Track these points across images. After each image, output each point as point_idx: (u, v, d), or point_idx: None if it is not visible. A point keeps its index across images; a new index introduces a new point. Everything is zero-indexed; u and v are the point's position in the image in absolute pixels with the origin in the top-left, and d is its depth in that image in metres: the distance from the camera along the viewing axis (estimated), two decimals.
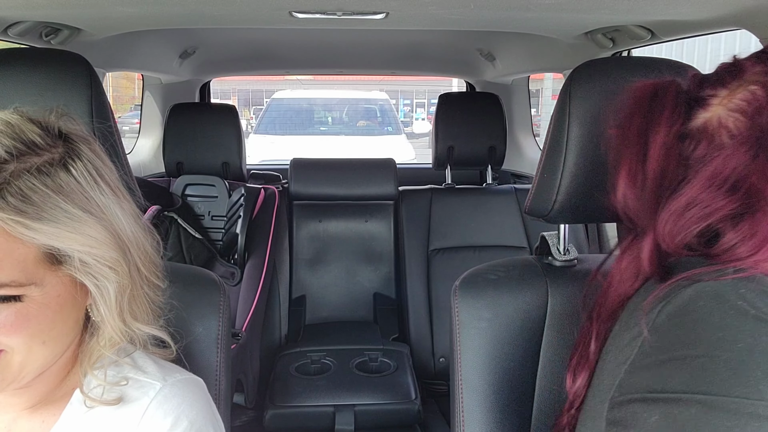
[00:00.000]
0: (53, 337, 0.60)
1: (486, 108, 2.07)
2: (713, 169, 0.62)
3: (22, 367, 0.59)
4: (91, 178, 0.60)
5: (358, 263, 2.25)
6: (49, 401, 0.65)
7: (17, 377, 0.59)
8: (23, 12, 1.18)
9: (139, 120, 2.51)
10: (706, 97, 0.65)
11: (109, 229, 0.60)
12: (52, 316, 0.59)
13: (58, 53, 0.85)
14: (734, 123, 0.63)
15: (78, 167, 0.59)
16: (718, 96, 0.65)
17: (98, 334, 0.65)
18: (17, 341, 0.57)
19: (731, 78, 0.65)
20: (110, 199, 0.61)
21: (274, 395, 1.66)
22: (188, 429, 0.65)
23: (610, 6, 1.14)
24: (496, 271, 0.91)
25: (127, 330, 0.64)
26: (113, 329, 0.63)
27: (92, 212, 0.59)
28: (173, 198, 1.92)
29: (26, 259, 0.56)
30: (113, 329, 0.63)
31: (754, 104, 0.62)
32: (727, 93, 0.64)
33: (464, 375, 0.86)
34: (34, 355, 0.59)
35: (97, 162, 0.62)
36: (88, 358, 0.65)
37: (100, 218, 0.59)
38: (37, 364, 0.60)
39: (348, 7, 1.18)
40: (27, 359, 0.59)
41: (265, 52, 2.35)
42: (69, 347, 0.65)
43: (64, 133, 0.61)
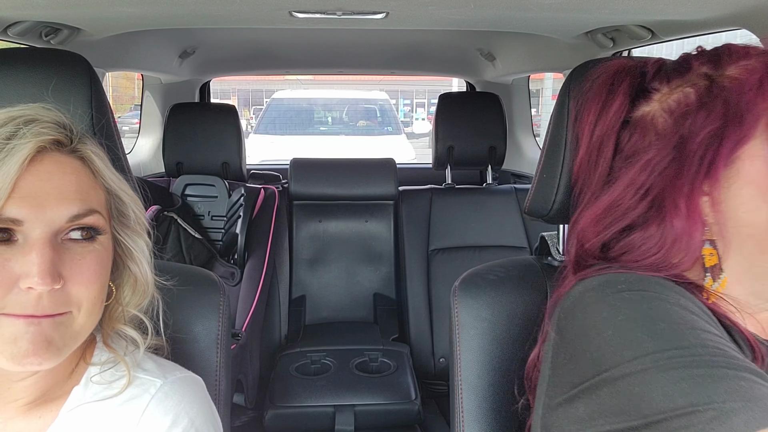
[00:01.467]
0: (105, 297, 0.64)
1: (486, 108, 2.07)
2: (634, 171, 0.63)
3: (81, 330, 0.61)
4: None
5: (358, 263, 2.25)
6: (47, 399, 0.65)
7: (74, 342, 0.61)
8: (23, 12, 1.18)
9: (138, 120, 2.51)
10: (651, 90, 0.65)
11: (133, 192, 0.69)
12: (108, 269, 0.64)
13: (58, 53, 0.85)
14: (662, 123, 0.63)
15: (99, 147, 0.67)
16: (660, 91, 0.65)
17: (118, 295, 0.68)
18: (90, 293, 0.60)
19: (677, 75, 0.64)
20: None
21: (274, 395, 1.66)
22: (188, 427, 0.65)
23: (610, 6, 1.14)
24: (496, 271, 0.91)
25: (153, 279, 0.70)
26: (147, 277, 0.68)
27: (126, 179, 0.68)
28: (173, 198, 1.92)
29: (101, 199, 0.63)
30: (147, 277, 0.68)
31: (683, 108, 0.61)
32: (667, 90, 0.64)
33: (464, 375, 0.86)
34: (93, 317, 0.62)
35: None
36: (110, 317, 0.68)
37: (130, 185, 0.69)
38: (89, 329, 0.63)
39: (348, 6, 1.18)
40: (87, 321, 0.61)
41: (265, 52, 2.35)
42: None
43: None
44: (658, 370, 0.49)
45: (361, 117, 7.59)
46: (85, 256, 0.60)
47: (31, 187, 0.56)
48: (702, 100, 0.60)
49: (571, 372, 0.58)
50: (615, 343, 0.53)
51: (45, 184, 0.57)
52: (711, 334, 0.52)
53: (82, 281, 0.59)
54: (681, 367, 0.49)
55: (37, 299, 0.56)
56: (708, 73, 0.62)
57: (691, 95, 0.61)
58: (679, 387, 0.48)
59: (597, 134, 0.68)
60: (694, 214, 0.59)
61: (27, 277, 0.55)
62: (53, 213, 0.57)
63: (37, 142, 0.57)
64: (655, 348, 0.51)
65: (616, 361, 0.52)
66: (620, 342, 0.53)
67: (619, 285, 0.58)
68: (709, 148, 0.58)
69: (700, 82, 0.62)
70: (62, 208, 0.58)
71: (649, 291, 0.56)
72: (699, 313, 0.55)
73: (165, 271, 0.76)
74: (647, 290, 0.57)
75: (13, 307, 0.55)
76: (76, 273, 0.59)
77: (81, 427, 0.64)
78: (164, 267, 0.77)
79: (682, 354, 0.49)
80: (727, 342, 0.53)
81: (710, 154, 0.58)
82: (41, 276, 0.55)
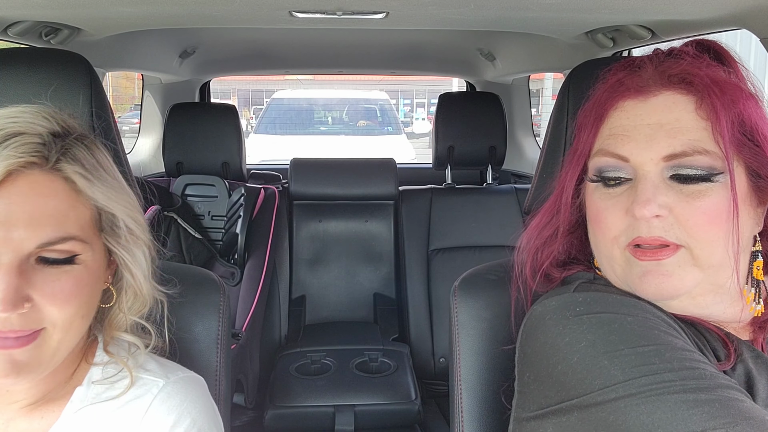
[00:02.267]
0: (89, 312, 0.63)
1: (486, 108, 2.06)
2: None
3: (58, 347, 0.60)
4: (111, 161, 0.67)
5: (358, 263, 2.25)
6: (49, 399, 0.65)
7: (51, 359, 0.60)
8: (23, 12, 1.18)
9: (138, 120, 2.51)
10: None
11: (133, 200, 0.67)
12: (93, 286, 0.62)
13: (58, 53, 0.85)
14: None
15: (102, 150, 0.66)
16: None
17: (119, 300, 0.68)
18: (66, 313, 0.59)
19: None
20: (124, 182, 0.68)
21: (274, 395, 1.66)
22: (191, 426, 0.65)
23: (611, 6, 1.14)
24: (496, 271, 0.91)
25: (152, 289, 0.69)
26: (146, 291, 0.68)
27: (122, 184, 0.66)
28: (173, 198, 1.92)
29: (84, 218, 0.61)
30: (146, 291, 0.68)
31: None
32: None
33: (464, 375, 0.86)
34: (71, 334, 0.60)
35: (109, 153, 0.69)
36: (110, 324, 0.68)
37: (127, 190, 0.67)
38: (70, 346, 0.62)
39: (348, 6, 1.18)
40: (64, 338, 0.60)
41: (265, 52, 2.35)
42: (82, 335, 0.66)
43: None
44: (632, 399, 0.50)
45: (361, 117, 7.59)
46: (60, 277, 0.58)
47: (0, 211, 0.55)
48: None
49: (536, 392, 0.59)
50: (581, 370, 0.54)
51: (15, 209, 0.55)
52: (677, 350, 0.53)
53: (54, 302, 0.58)
54: (654, 395, 0.49)
55: (4, 320, 0.55)
56: None
57: None
58: (655, 417, 0.48)
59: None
60: None
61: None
62: (22, 239, 0.55)
63: (6, 166, 0.55)
64: (623, 376, 0.51)
65: (584, 388, 0.53)
66: (586, 369, 0.54)
67: (578, 307, 0.59)
68: None
69: None
70: (32, 234, 0.56)
71: (607, 312, 0.57)
72: (659, 324, 0.56)
73: (165, 271, 0.76)
74: (605, 311, 0.58)
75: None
76: (49, 294, 0.57)
77: (83, 427, 0.64)
78: (164, 267, 0.77)
79: (652, 381, 0.50)
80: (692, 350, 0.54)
81: None
82: (2, 303, 0.54)
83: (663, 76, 0.61)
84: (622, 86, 0.63)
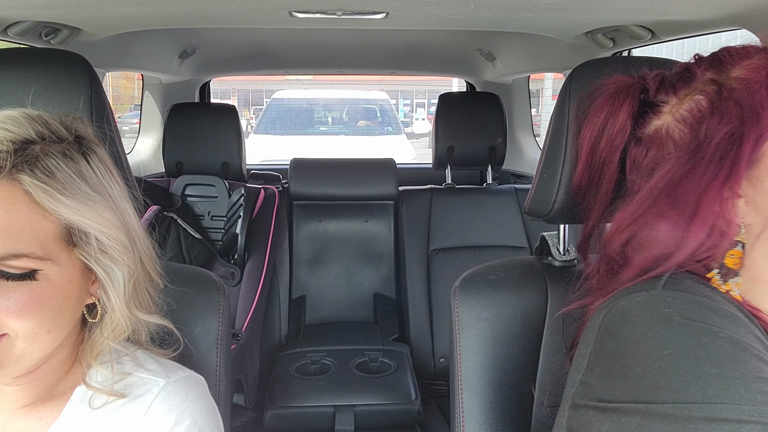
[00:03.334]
0: (58, 326, 0.60)
1: (486, 108, 2.06)
2: (654, 180, 0.62)
3: (22, 354, 0.58)
4: (106, 172, 0.64)
5: (358, 263, 2.25)
6: (47, 399, 0.65)
7: (15, 365, 0.58)
8: (23, 12, 1.18)
9: (138, 120, 2.51)
10: (659, 103, 0.65)
11: (120, 217, 0.63)
12: (61, 302, 0.59)
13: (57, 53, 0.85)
14: (679, 134, 0.62)
15: (94, 160, 0.63)
16: (669, 104, 0.64)
17: (101, 325, 0.65)
18: (25, 326, 0.56)
19: (682, 84, 0.64)
20: (121, 194, 0.65)
21: (274, 395, 1.66)
22: (191, 426, 0.65)
23: (610, 6, 1.14)
24: (496, 271, 0.91)
25: (131, 317, 0.65)
26: (120, 315, 0.64)
27: (107, 199, 0.62)
28: (173, 198, 1.92)
29: (47, 233, 0.57)
30: (120, 315, 0.64)
31: (697, 115, 0.61)
32: (676, 101, 0.64)
33: (464, 375, 0.86)
34: (38, 344, 0.58)
35: (109, 162, 0.66)
36: (91, 350, 0.66)
37: (113, 206, 0.63)
38: (38, 355, 0.60)
39: (348, 6, 1.18)
40: (29, 347, 0.58)
41: (265, 52, 2.35)
42: (67, 342, 0.65)
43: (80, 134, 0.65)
44: (703, 424, 0.48)
45: (361, 117, 7.59)
46: (15, 290, 0.56)
47: None
48: (714, 104, 0.60)
49: (604, 387, 0.57)
50: (659, 378, 0.52)
51: None
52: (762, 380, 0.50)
53: (9, 315, 0.56)
54: (728, 423, 0.48)
55: None
56: (714, 78, 0.61)
57: (702, 102, 0.61)
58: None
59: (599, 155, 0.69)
60: (704, 215, 0.58)
61: None
62: None
63: None
64: (702, 398, 0.49)
65: (657, 397, 0.51)
66: (665, 379, 0.52)
67: (666, 309, 0.56)
68: (728, 149, 0.58)
69: (708, 88, 0.61)
70: None
71: (697, 321, 0.54)
72: (752, 345, 0.53)
73: (165, 271, 0.76)
74: (696, 320, 0.54)
75: None
76: (3, 307, 0.55)
77: (83, 427, 0.64)
78: (164, 267, 0.77)
79: (730, 411, 0.48)
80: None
81: (731, 156, 0.57)
82: None
83: None
84: None
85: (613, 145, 0.67)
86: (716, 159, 0.58)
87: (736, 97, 0.59)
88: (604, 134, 0.68)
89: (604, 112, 0.69)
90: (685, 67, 0.65)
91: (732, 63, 0.61)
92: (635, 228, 0.63)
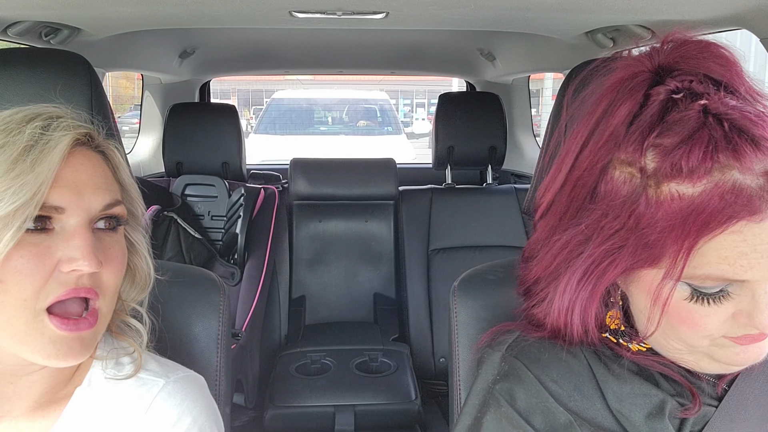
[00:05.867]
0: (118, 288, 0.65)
1: (486, 108, 2.06)
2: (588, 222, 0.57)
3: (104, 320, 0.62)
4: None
5: (358, 263, 2.25)
6: (52, 400, 0.65)
7: (100, 334, 0.62)
8: (23, 12, 1.18)
9: (138, 120, 2.51)
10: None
11: None
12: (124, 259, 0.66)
13: (57, 53, 0.85)
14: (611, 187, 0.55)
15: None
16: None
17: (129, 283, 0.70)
18: (115, 281, 0.63)
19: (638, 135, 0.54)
20: None
21: (274, 395, 1.66)
22: (191, 425, 0.65)
23: (611, 6, 1.14)
24: (495, 271, 0.91)
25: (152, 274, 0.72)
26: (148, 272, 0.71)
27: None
28: (173, 198, 1.92)
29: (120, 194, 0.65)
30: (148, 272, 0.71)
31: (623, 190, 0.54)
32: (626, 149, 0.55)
33: (463, 375, 0.86)
34: (112, 305, 0.64)
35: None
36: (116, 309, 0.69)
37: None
38: (108, 318, 0.64)
39: (348, 6, 1.18)
40: (108, 309, 0.63)
41: (265, 52, 2.35)
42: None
43: None
44: None
45: (361, 117, 7.59)
46: (113, 245, 0.63)
47: (69, 177, 0.59)
48: (631, 200, 0.53)
49: None
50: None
51: (81, 175, 0.60)
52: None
53: (111, 269, 0.62)
54: None
55: (77, 278, 0.58)
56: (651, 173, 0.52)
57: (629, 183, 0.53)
58: None
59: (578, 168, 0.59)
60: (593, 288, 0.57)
61: (71, 261, 0.57)
62: (90, 201, 0.60)
63: (74, 135, 0.60)
64: None
65: None
66: None
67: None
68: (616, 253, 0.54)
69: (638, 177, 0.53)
70: (97, 196, 0.61)
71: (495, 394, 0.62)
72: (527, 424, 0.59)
73: (165, 271, 0.76)
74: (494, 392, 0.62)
75: (56, 290, 0.57)
76: (107, 260, 0.61)
77: (84, 426, 0.64)
78: (164, 267, 0.77)
79: None
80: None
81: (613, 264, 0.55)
82: (88, 258, 0.57)
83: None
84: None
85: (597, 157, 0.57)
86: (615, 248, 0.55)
87: (650, 216, 0.52)
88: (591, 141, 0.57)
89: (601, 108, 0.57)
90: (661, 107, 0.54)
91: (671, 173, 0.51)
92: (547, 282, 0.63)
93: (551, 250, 0.60)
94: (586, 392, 0.60)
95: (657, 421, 0.58)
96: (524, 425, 0.58)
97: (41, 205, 0.56)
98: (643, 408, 0.58)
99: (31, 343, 0.57)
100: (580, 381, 0.60)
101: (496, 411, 0.60)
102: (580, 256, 0.57)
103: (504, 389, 0.61)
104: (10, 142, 0.57)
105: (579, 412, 0.59)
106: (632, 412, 0.58)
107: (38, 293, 0.56)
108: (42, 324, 0.57)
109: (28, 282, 0.56)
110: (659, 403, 0.58)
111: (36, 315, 0.57)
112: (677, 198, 0.50)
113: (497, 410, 0.60)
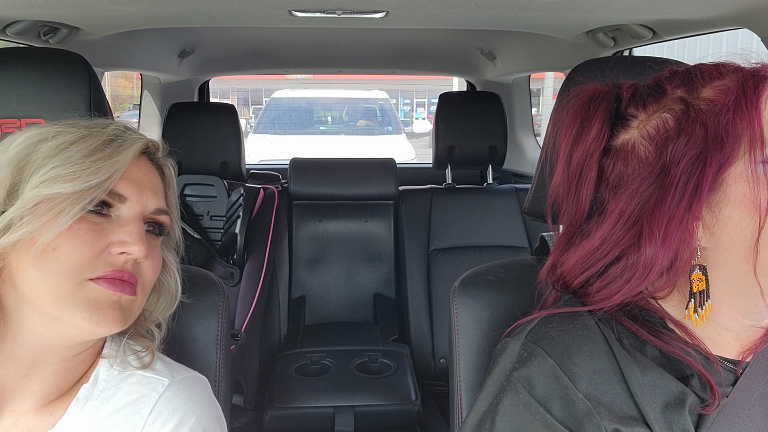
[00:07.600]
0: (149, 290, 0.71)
1: (486, 107, 2.06)
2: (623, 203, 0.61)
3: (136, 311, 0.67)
4: None
5: (358, 263, 2.24)
6: (59, 397, 0.66)
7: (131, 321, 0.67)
8: (21, 11, 1.17)
9: (137, 119, 2.51)
10: (628, 117, 0.64)
11: None
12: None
13: (56, 52, 0.85)
14: (644, 151, 0.62)
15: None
16: (637, 118, 0.63)
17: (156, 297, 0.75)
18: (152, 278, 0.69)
19: (652, 100, 0.63)
20: None
21: (274, 396, 1.66)
22: (195, 425, 0.66)
23: (611, 5, 1.14)
24: (496, 271, 0.90)
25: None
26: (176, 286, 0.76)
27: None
28: None
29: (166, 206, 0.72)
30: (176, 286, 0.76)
31: (663, 135, 0.60)
32: (645, 117, 0.63)
33: (463, 376, 0.86)
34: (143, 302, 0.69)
35: None
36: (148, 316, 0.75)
37: None
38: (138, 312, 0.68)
39: (347, 5, 1.18)
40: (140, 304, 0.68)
41: (265, 52, 2.35)
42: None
43: None
44: None
45: (361, 116, 7.58)
46: (155, 246, 0.70)
47: (135, 175, 0.67)
48: (680, 125, 0.59)
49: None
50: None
51: (143, 177, 0.68)
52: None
53: (151, 264, 0.68)
54: None
55: (123, 261, 0.64)
56: (683, 97, 0.61)
57: (669, 120, 0.60)
58: None
59: (575, 162, 0.66)
60: (670, 241, 0.58)
61: (123, 244, 0.63)
62: (147, 200, 0.67)
63: (146, 141, 0.70)
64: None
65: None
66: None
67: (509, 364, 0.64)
68: (692, 174, 0.58)
69: (676, 107, 0.60)
70: (154, 198, 0.68)
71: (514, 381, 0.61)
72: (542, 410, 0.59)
73: None
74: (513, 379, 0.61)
75: (103, 267, 0.62)
76: (150, 256, 0.67)
77: (88, 424, 0.65)
78: None
79: None
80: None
81: (694, 180, 0.57)
82: (140, 243, 0.63)
83: None
84: None
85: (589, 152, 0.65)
86: (680, 184, 0.58)
87: (703, 119, 0.58)
88: (579, 141, 0.66)
89: (580, 117, 0.66)
90: (656, 81, 0.64)
91: (703, 82, 0.61)
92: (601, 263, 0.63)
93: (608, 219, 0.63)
94: (607, 377, 0.59)
95: (674, 412, 0.58)
96: (542, 412, 0.58)
97: (109, 191, 0.63)
98: (661, 398, 0.58)
99: (73, 304, 0.60)
100: (602, 366, 0.60)
101: (513, 397, 0.60)
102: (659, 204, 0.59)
103: (522, 376, 0.60)
104: (92, 134, 0.65)
105: (599, 396, 0.58)
106: (650, 401, 0.58)
107: (86, 266, 0.61)
108: (86, 289, 0.61)
109: (80, 253, 0.61)
110: (678, 395, 0.58)
111: (79, 283, 0.61)
112: (722, 89, 0.59)
113: (515, 396, 0.60)
